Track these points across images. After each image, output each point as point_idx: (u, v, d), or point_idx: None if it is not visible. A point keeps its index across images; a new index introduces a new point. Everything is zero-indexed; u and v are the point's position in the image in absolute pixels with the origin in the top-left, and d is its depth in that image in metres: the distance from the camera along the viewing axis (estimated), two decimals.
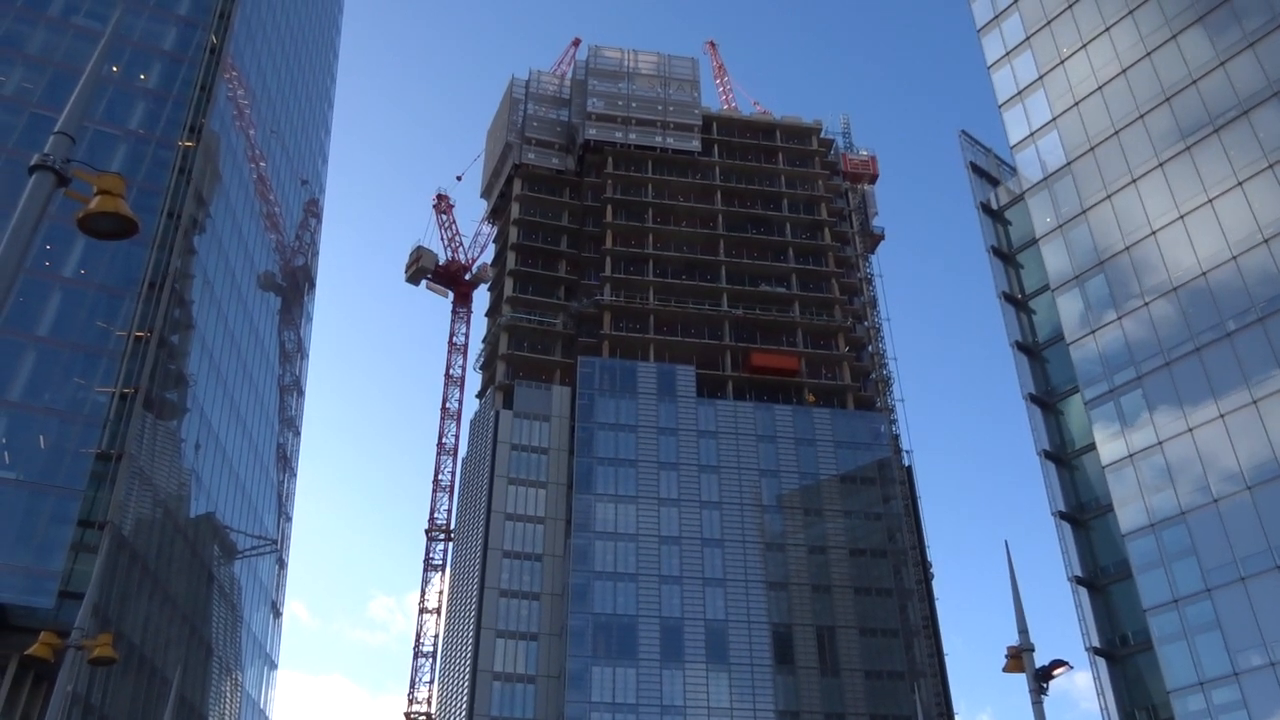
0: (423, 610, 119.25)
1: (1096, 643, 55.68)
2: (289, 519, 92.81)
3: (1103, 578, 57.40)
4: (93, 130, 61.90)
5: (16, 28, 65.81)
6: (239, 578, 78.56)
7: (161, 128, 65.58)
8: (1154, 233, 55.37)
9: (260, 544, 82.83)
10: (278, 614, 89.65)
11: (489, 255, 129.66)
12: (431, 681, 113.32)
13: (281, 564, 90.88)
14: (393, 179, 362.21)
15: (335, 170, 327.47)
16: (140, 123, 65.56)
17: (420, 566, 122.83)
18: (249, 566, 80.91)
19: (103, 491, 52.45)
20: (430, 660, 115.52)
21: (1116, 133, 59.12)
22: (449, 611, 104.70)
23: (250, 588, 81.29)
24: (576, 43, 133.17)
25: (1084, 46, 62.69)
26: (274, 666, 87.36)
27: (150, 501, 59.52)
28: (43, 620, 45.86)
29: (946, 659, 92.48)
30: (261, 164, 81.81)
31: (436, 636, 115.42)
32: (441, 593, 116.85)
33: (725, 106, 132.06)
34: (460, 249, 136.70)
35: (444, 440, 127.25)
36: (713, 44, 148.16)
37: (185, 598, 65.30)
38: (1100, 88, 60.90)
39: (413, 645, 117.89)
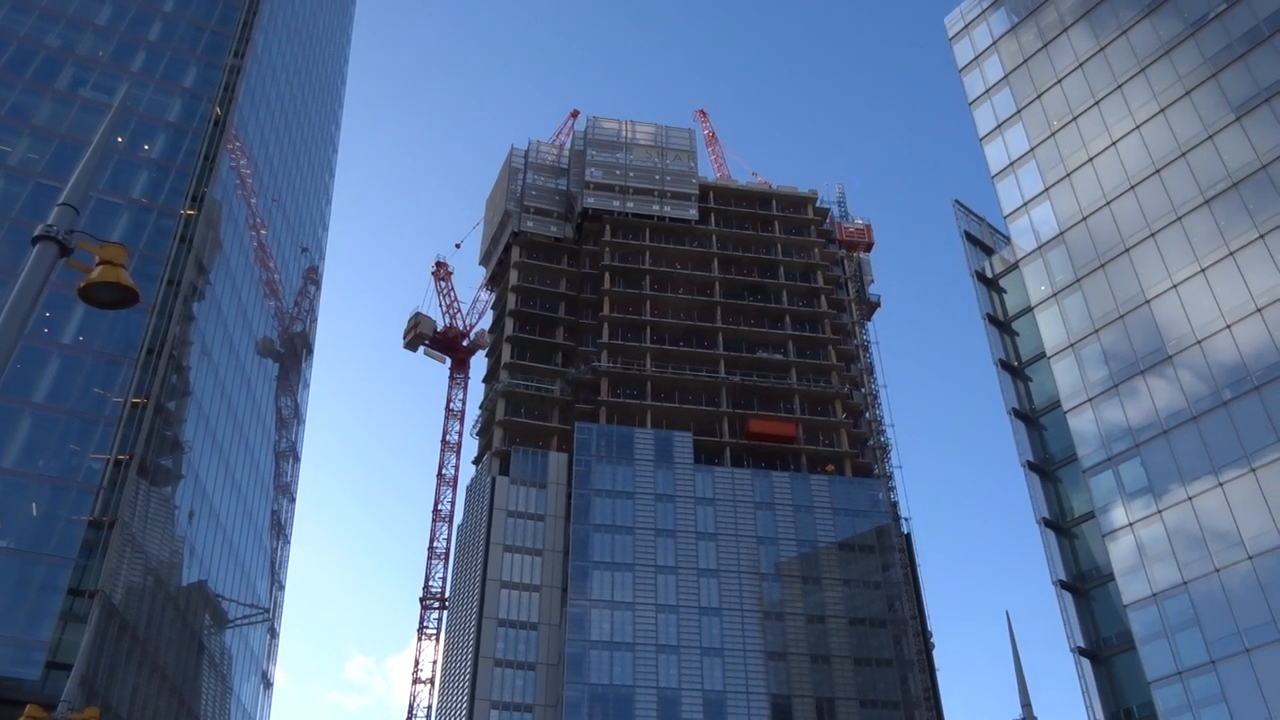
0: (416, 680, 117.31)
1: (1101, 717, 54.74)
2: (282, 587, 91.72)
3: (1105, 649, 56.66)
4: (96, 199, 62.57)
5: (24, 99, 66.91)
6: (230, 647, 77.36)
7: (164, 197, 66.33)
8: (1148, 301, 55.78)
9: (252, 613, 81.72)
10: (268, 685, 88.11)
11: (487, 322, 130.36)
12: None
13: (273, 633, 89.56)
14: (392, 246, 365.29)
15: (335, 237, 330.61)
16: (143, 192, 66.33)
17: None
18: (240, 636, 79.73)
19: (94, 560, 51.91)
20: None
21: (1108, 203, 59.91)
22: (443, 682, 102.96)
23: (241, 658, 80.00)
24: (575, 114, 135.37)
25: (1074, 119, 63.81)
26: None
27: (141, 570, 58.87)
28: (29, 692, 45.04)
29: None
30: (262, 232, 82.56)
31: (429, 708, 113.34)
32: (435, 662, 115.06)
33: (718, 174, 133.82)
34: (458, 315, 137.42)
35: (440, 506, 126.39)
36: (703, 113, 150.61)
37: (174, 668, 64.22)
38: (1091, 159, 61.86)
39: (405, 717, 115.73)
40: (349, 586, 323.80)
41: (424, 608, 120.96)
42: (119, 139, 66.78)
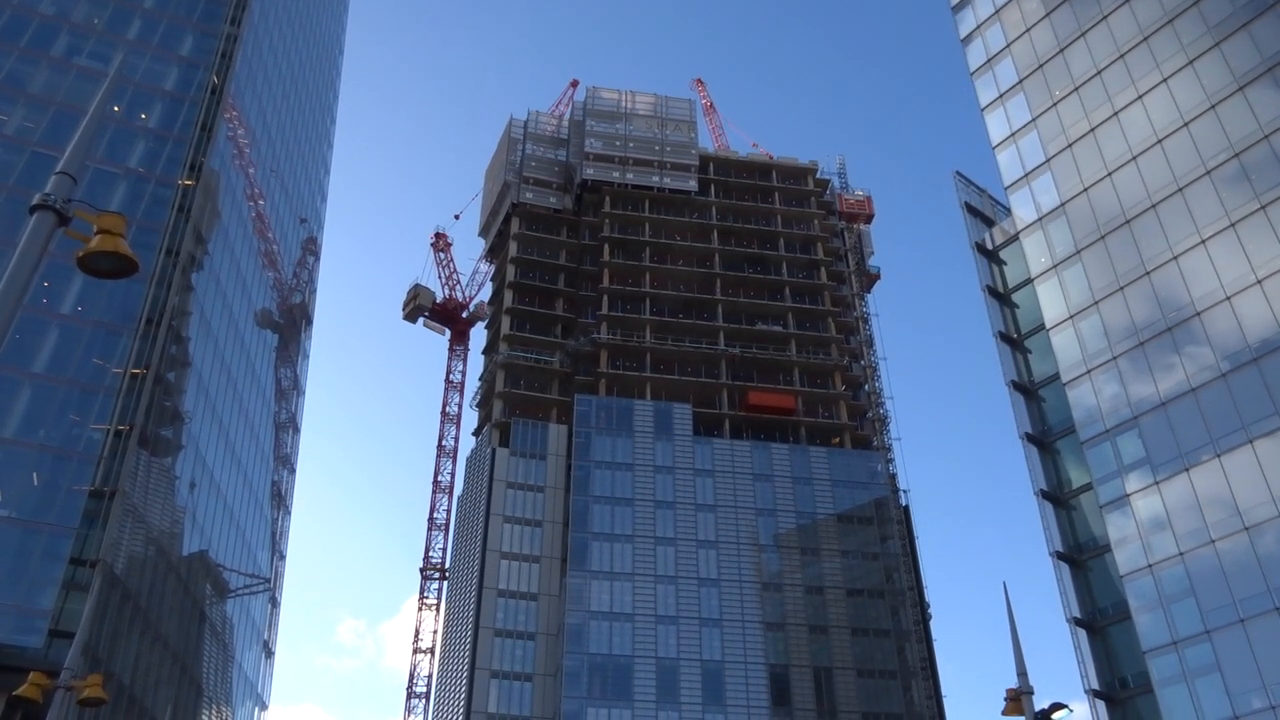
0: (416, 650, 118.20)
1: (1096, 685, 55.21)
2: (283, 557, 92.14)
3: (1101, 619, 57.05)
4: (93, 168, 62.25)
5: (19, 67, 66.41)
6: (231, 617, 77.86)
7: (162, 166, 65.98)
8: (1148, 273, 55.69)
9: (253, 582, 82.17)
10: (270, 654, 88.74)
11: (486, 293, 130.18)
12: None
13: (274, 603, 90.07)
14: (391, 217, 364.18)
15: (334, 208, 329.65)
16: (141, 161, 65.98)
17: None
18: (241, 605, 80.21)
19: (95, 529, 52.11)
20: (424, 701, 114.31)
21: (1110, 174, 59.65)
22: (443, 651, 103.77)
23: (242, 627, 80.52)
24: (574, 84, 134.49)
25: (1076, 90, 63.41)
26: (264, 707, 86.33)
27: (143, 539, 59.13)
28: (32, 660, 45.37)
29: (945, 701, 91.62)
30: (260, 202, 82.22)
31: (430, 677, 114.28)
32: (436, 632, 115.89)
33: (716, 145, 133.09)
34: (458, 287, 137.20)
35: (440, 478, 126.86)
36: (700, 82, 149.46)
37: (176, 637, 64.67)
38: (1093, 130, 61.53)
39: (406, 685, 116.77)
40: (339, 550, 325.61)
41: (424, 578, 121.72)
42: (115, 108, 66.34)
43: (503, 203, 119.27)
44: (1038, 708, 24.24)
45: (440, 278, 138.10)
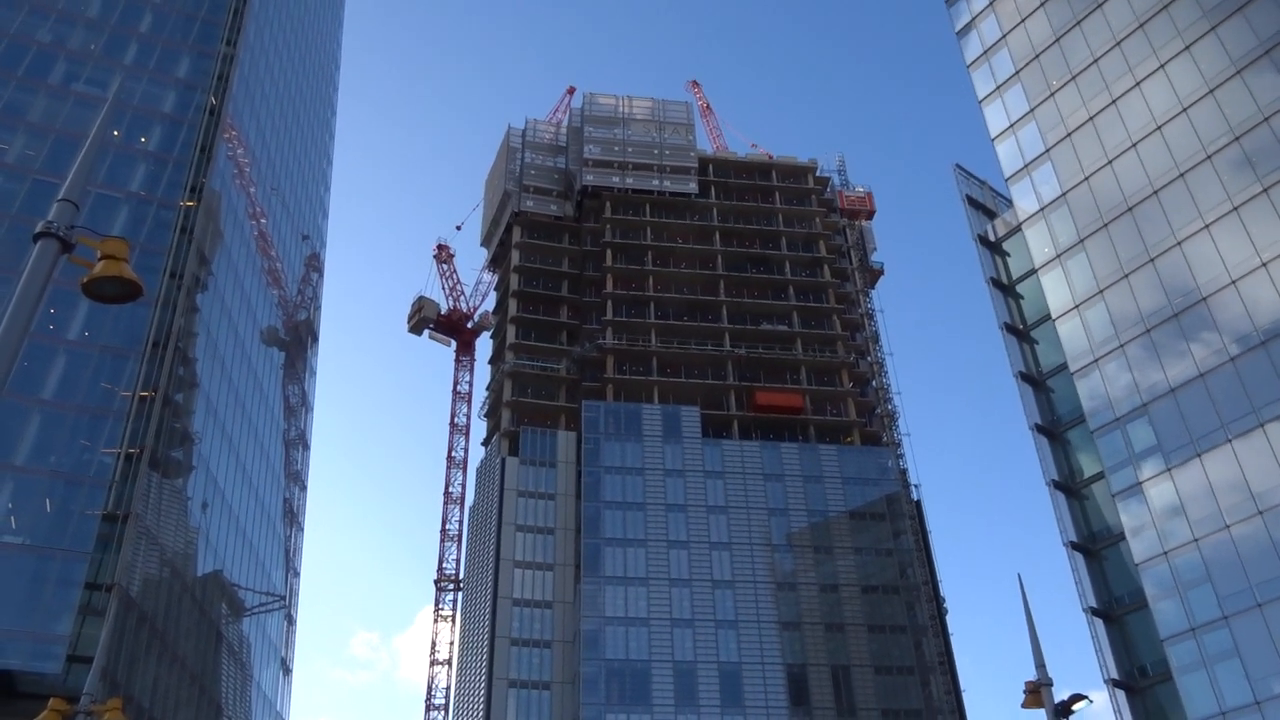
0: (434, 662, 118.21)
1: (1115, 674, 54.99)
2: (297, 574, 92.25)
3: (1118, 608, 56.83)
4: (95, 193, 62.47)
5: (18, 96, 66.73)
6: (248, 636, 77.96)
7: (163, 189, 66.22)
8: (1152, 259, 55.56)
9: (268, 601, 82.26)
10: (287, 671, 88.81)
11: (490, 303, 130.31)
12: None
13: (290, 620, 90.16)
14: (392, 230, 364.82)
15: (335, 224, 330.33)
16: (142, 184, 66.22)
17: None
18: (258, 624, 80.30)
19: (109, 553, 52.20)
20: (442, 714, 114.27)
21: (1110, 162, 59.54)
22: (460, 663, 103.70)
23: (259, 645, 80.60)
24: (571, 91, 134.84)
25: (1073, 78, 63.34)
26: None
27: (157, 561, 59.23)
28: (51, 686, 45.41)
29: (964, 695, 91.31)
30: (262, 221, 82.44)
31: (448, 688, 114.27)
32: (452, 643, 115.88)
33: (714, 146, 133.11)
34: (462, 298, 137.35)
35: (450, 489, 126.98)
36: (696, 83, 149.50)
37: (194, 658, 64.75)
38: (1092, 118, 61.44)
39: (425, 698, 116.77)
40: (351, 564, 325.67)
41: (439, 590, 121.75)
42: (115, 133, 66.60)
43: (504, 212, 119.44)
44: (1057, 699, 24.14)
45: (444, 289, 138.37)
